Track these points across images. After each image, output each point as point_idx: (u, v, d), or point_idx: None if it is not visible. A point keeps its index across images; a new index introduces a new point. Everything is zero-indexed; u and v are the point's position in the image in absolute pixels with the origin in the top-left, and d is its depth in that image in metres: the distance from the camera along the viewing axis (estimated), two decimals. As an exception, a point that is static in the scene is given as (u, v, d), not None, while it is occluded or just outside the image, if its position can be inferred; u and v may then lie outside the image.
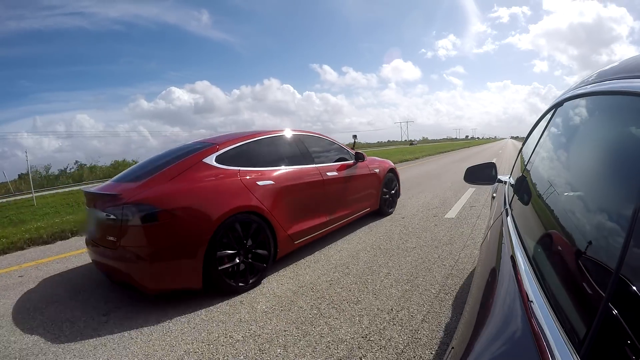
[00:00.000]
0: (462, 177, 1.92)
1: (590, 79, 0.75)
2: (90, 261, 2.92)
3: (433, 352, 1.58)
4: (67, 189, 19.09)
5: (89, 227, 2.55)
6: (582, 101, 0.80)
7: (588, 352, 0.37)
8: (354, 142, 4.87)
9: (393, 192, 4.57)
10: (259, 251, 2.54)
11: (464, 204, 4.85)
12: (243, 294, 2.34)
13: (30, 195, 13.06)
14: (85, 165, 40.00)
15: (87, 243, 2.60)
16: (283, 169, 2.96)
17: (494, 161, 1.96)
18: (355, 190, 3.77)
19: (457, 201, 5.04)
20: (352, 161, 3.85)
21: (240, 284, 2.39)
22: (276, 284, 2.49)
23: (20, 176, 29.16)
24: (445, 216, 4.17)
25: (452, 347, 0.72)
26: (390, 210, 4.51)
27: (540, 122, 1.22)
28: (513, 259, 0.75)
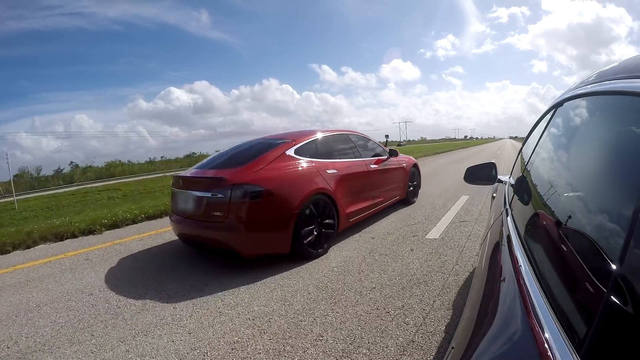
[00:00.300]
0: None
1: (590, 79, 0.75)
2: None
3: None
4: (51, 192, 18.55)
5: (179, 206, 3.02)
6: (582, 101, 0.80)
7: (588, 352, 0.37)
8: (386, 141, 6.12)
9: (415, 184, 5.31)
10: (328, 222, 3.13)
11: (453, 217, 4.06)
12: None
13: (18, 198, 13.08)
14: (79, 166, 39.67)
15: (171, 217, 3.15)
16: (341, 161, 3.63)
17: (493, 161, 1.96)
18: (389, 181, 4.42)
19: (445, 213, 4.27)
20: (386, 156, 4.48)
21: (318, 250, 2.98)
22: (166, 340, 1.81)
23: (16, 177, 28.80)
24: (427, 236, 3.37)
25: (452, 347, 0.72)
26: (413, 200, 5.13)
27: (540, 122, 1.23)
28: (513, 258, 0.75)
